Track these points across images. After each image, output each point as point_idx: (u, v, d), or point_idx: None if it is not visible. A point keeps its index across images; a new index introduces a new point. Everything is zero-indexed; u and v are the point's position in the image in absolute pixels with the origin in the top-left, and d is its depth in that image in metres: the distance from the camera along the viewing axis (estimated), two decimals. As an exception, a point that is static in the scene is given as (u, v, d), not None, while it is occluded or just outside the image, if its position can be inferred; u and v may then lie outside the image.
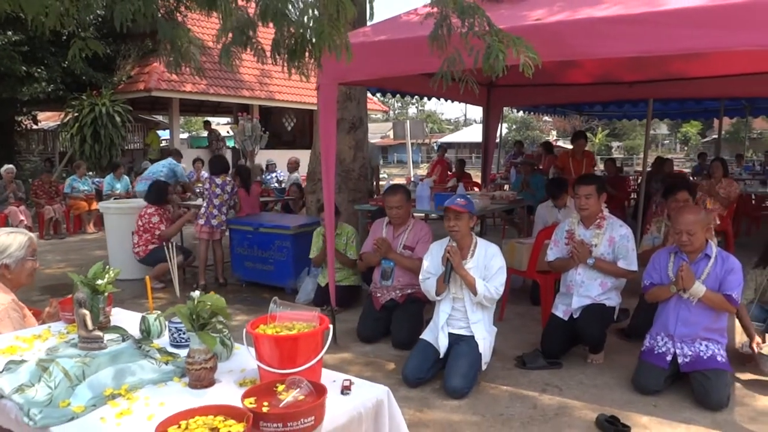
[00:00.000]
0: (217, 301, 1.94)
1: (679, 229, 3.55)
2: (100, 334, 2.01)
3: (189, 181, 11.53)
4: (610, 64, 6.47)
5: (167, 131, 17.55)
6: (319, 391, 1.68)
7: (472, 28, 2.96)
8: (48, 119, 19.31)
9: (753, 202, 10.28)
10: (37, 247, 2.87)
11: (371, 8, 3.25)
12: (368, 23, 3.65)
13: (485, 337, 3.76)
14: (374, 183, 10.41)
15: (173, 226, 6.53)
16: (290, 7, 2.99)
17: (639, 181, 8.59)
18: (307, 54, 3.18)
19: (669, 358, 3.59)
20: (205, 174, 12.17)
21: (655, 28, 3.14)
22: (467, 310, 3.77)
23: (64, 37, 11.29)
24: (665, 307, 3.69)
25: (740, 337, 4.26)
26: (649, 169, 9.47)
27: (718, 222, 4.66)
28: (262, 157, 11.97)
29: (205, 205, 6.46)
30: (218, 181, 6.43)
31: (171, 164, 9.53)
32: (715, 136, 12.67)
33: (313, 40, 2.97)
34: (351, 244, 5.39)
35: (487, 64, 2.87)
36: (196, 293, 1.98)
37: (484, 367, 3.80)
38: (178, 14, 8.09)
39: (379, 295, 4.73)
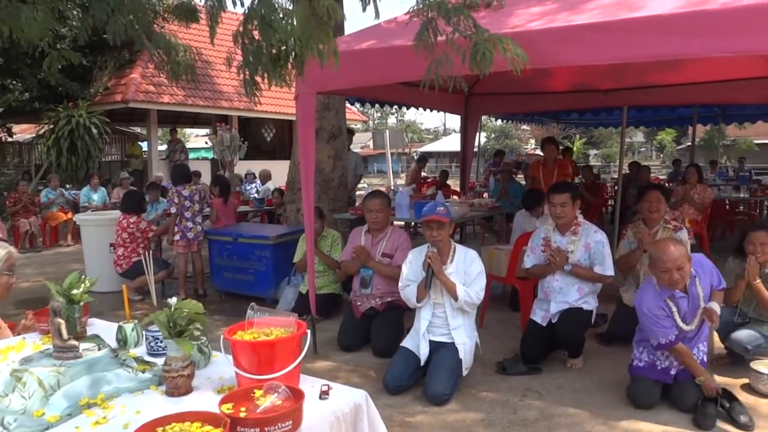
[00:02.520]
0: (194, 307, 1.93)
1: (668, 267, 3.23)
2: (76, 343, 1.99)
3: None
4: (586, 73, 6.58)
5: (145, 143, 17.40)
6: (297, 395, 1.68)
7: (458, 28, 2.98)
8: (24, 131, 19.06)
9: (727, 207, 10.48)
10: (16, 261, 2.82)
11: (376, 7, 3.23)
12: (376, 21, 3.66)
13: (466, 343, 3.77)
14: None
15: (165, 225, 6.54)
16: (274, 16, 3.00)
17: (616, 187, 8.70)
18: (290, 64, 3.19)
19: (673, 371, 3.49)
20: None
21: (628, 35, 3.20)
22: (448, 316, 3.78)
23: (39, 49, 11.18)
24: None
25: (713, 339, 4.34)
26: (625, 171, 9.61)
27: (688, 224, 4.71)
28: (242, 167, 11.93)
29: (177, 220, 6.33)
30: (185, 192, 6.30)
31: None
32: (690, 144, 12.88)
33: (297, 49, 2.98)
34: (336, 246, 5.42)
35: (474, 63, 2.89)
36: (173, 300, 1.97)
37: (465, 372, 3.82)
38: (156, 26, 8.08)
39: (359, 303, 4.73)
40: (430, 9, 3.03)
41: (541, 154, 8.67)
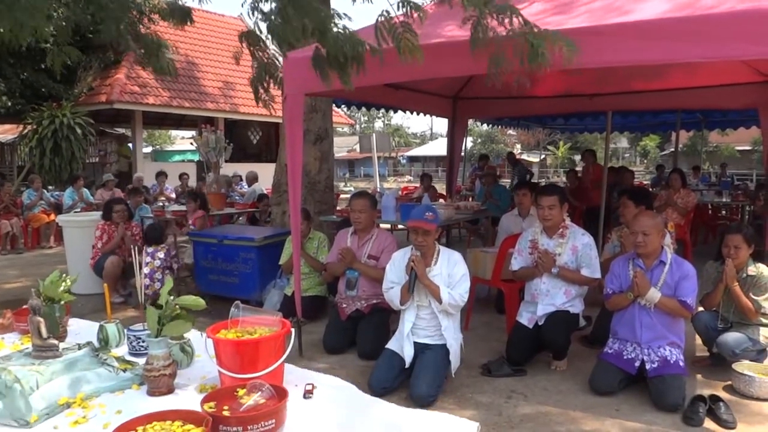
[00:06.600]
0: (194, 302, 1.91)
1: (635, 230, 3.70)
2: (55, 342, 1.96)
3: (151, 194, 11.38)
4: (572, 77, 6.61)
5: (130, 144, 17.26)
6: (281, 394, 1.66)
7: (511, 27, 3.04)
8: (6, 132, 18.84)
9: (709, 212, 10.60)
10: None
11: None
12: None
13: (451, 345, 3.77)
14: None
15: (108, 244, 6.40)
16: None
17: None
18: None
19: (637, 364, 3.67)
20: (169, 187, 12.01)
21: (614, 40, 3.23)
22: (432, 318, 3.78)
23: (23, 49, 11.06)
24: (627, 314, 3.76)
25: (697, 342, 4.38)
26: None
27: (672, 229, 4.76)
28: (228, 169, 11.86)
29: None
30: (149, 249, 6.10)
31: None
32: (673, 150, 13.01)
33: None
34: (322, 248, 5.41)
35: (535, 62, 2.97)
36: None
37: (452, 373, 3.81)
38: (141, 27, 8.02)
39: (344, 305, 4.71)
40: (479, 7, 3.07)
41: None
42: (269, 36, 3.15)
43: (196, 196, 7.44)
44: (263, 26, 3.15)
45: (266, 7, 3.20)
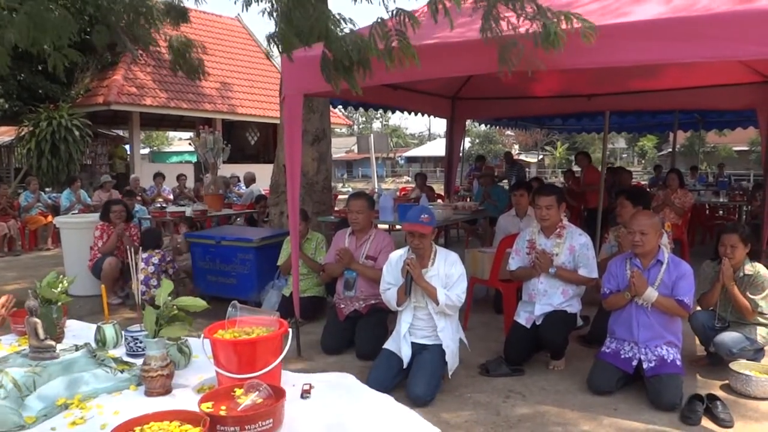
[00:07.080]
0: (194, 303, 1.91)
1: (633, 229, 3.70)
2: (53, 343, 1.96)
3: (149, 195, 11.37)
4: (570, 78, 6.62)
5: (127, 146, 17.24)
6: (278, 394, 1.66)
7: (523, 11, 3.04)
8: (3, 134, 18.81)
9: (707, 212, 10.61)
10: None
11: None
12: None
13: (449, 345, 3.77)
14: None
15: (107, 243, 6.36)
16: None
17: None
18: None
19: (635, 363, 3.68)
20: (166, 188, 12.01)
21: (611, 40, 3.23)
22: (429, 319, 3.78)
23: (20, 50, 11.04)
24: (624, 314, 3.77)
25: (695, 342, 4.38)
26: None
27: (669, 229, 4.77)
28: (226, 170, 11.85)
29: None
30: (144, 255, 5.98)
31: None
32: (671, 150, 13.03)
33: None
34: (320, 249, 5.40)
35: (547, 42, 2.96)
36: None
37: (449, 374, 3.81)
38: (154, 28, 8.02)
39: (342, 306, 4.71)
40: None
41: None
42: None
43: (192, 223, 7.45)
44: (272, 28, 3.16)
45: (263, 6, 3.19)
